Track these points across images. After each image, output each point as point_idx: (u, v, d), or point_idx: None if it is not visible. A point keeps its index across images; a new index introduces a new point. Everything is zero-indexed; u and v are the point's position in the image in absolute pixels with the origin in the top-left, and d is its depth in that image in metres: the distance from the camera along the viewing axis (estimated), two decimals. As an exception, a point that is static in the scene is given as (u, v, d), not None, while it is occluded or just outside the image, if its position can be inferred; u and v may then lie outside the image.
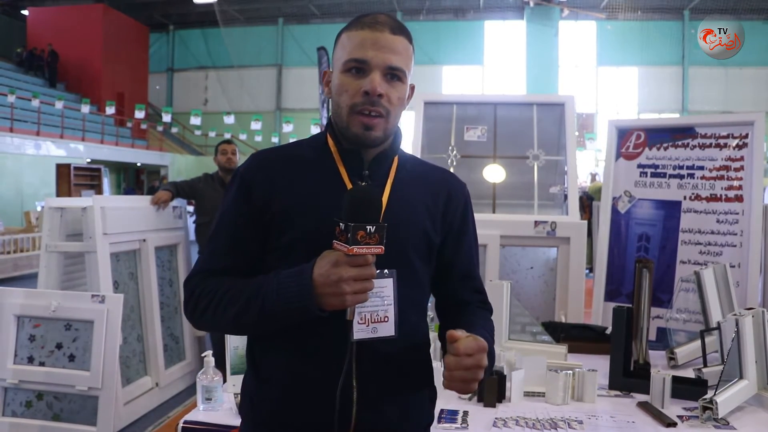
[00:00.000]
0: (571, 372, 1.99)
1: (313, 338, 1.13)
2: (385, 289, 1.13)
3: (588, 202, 8.85)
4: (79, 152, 15.88)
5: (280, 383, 1.17)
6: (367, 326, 1.11)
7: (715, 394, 1.80)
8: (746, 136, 2.90)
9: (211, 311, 1.14)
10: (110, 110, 16.74)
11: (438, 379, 1.19)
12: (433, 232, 1.23)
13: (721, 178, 2.94)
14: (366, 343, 1.12)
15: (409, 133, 3.48)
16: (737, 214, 2.87)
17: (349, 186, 1.17)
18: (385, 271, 1.13)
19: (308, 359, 1.14)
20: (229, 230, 1.20)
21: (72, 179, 13.05)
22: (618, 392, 2.08)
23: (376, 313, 1.12)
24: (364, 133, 1.14)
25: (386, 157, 1.22)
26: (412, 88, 1.23)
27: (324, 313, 1.06)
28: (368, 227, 1.02)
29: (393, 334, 1.14)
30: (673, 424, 1.76)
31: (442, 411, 1.84)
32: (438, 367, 1.20)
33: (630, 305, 2.15)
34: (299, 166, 1.20)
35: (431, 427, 1.30)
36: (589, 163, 18.02)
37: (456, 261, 1.29)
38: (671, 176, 3.07)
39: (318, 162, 1.20)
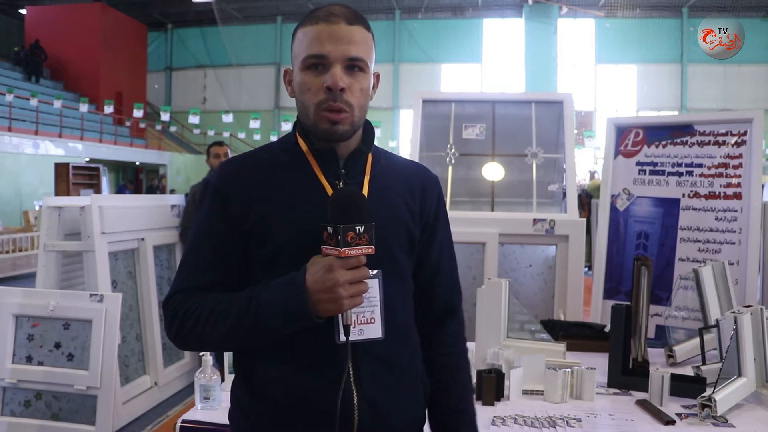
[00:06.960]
0: (569, 370, 1.99)
1: (299, 345, 1.11)
2: (371, 289, 1.11)
3: (587, 200, 8.86)
4: (78, 151, 15.86)
5: (276, 396, 1.13)
6: (354, 328, 1.09)
7: (713, 392, 1.80)
8: (745, 134, 2.90)
9: (199, 330, 1.10)
10: (109, 109, 16.72)
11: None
12: (413, 226, 1.21)
13: (720, 175, 2.93)
14: (358, 344, 1.11)
15: (408, 131, 3.48)
16: (736, 211, 2.87)
17: (327, 186, 1.15)
18: (372, 272, 1.10)
19: (301, 368, 1.12)
20: (209, 244, 1.16)
21: (71, 178, 13.03)
22: (617, 390, 2.08)
23: (362, 314, 1.11)
24: (331, 128, 1.12)
25: (361, 153, 1.19)
26: (377, 76, 1.21)
27: (320, 320, 1.05)
28: (357, 228, 1.02)
29: (380, 335, 1.12)
30: (672, 422, 1.76)
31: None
32: None
33: (629, 303, 2.15)
34: (273, 171, 1.17)
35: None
36: (588, 160, 18.04)
37: (428, 256, 1.26)
38: (670, 174, 3.07)
39: (292, 165, 1.18)
